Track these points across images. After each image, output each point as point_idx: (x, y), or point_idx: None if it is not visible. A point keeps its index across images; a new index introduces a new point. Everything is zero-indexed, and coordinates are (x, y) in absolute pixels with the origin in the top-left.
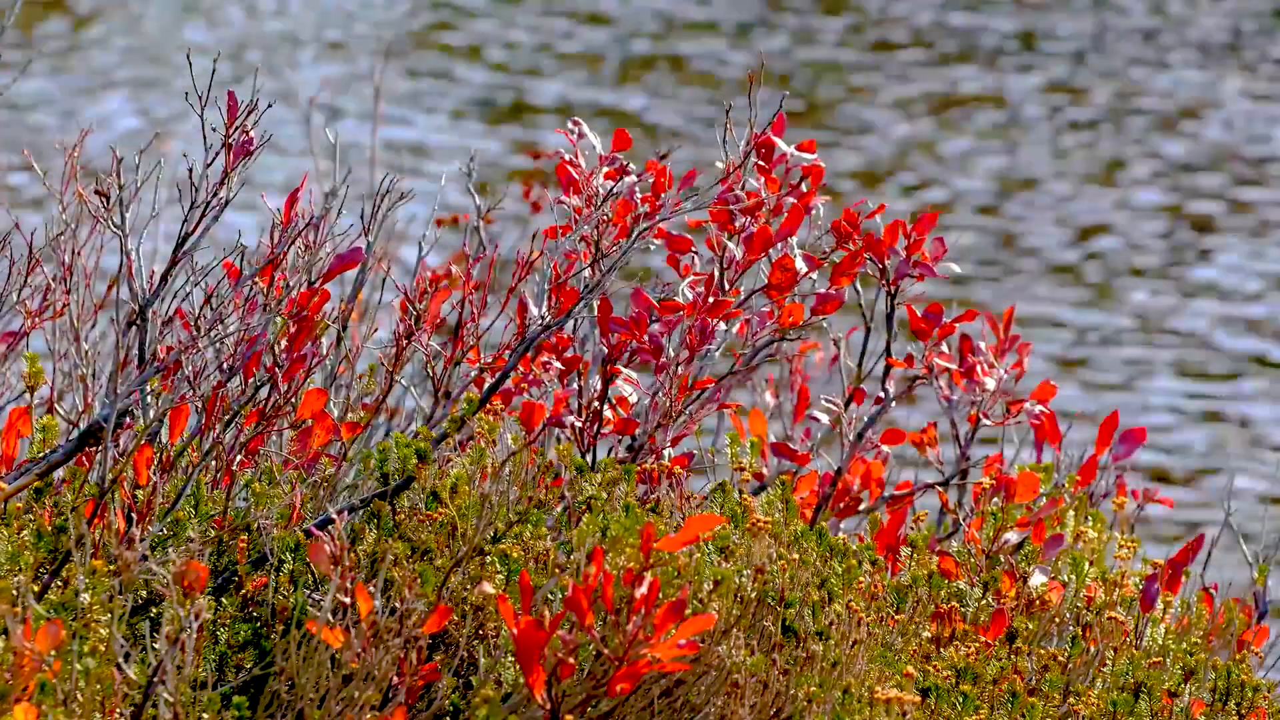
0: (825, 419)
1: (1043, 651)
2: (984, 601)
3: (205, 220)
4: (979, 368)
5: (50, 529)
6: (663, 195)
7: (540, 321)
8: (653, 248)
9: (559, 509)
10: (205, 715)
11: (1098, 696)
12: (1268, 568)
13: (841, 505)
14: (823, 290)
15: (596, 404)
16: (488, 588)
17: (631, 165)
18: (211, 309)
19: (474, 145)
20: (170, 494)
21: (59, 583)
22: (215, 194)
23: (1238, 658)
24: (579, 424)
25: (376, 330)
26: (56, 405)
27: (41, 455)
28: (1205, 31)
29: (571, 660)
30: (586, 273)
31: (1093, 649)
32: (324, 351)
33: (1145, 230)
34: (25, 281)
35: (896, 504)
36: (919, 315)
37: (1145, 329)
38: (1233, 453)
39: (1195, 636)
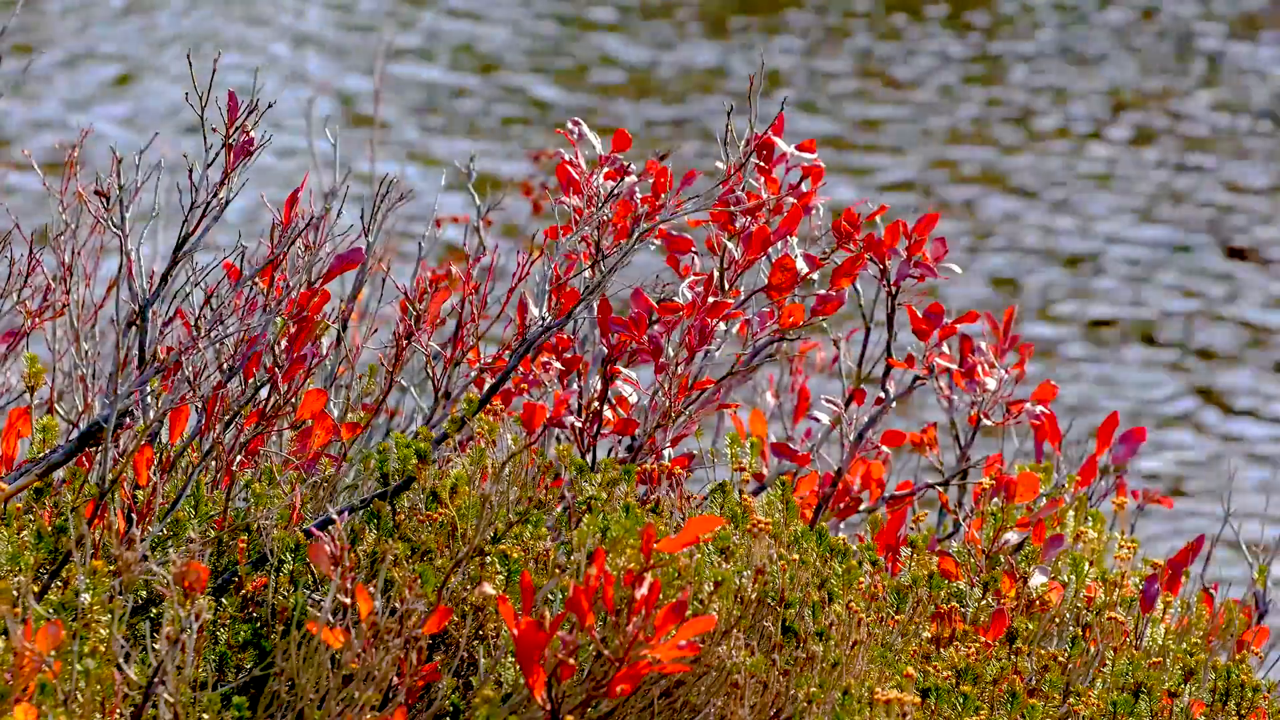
0: (825, 419)
1: (1043, 652)
2: (984, 602)
3: (205, 220)
4: (980, 368)
5: (50, 529)
6: (663, 196)
7: (540, 322)
8: (653, 248)
9: (559, 509)
10: (205, 715)
11: (1098, 697)
12: (1267, 568)
13: (841, 505)
14: (823, 290)
15: (596, 404)
16: (488, 588)
17: (632, 165)
18: (211, 309)
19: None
20: (170, 494)
21: (59, 583)
22: (215, 194)
23: (1238, 658)
24: (579, 424)
25: (376, 331)
26: (56, 405)
27: (41, 455)
28: None
29: (572, 661)
30: (586, 273)
31: (1093, 649)
32: (324, 352)
33: None
34: (25, 281)
35: (896, 504)
36: (919, 315)
37: None
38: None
39: (1195, 637)
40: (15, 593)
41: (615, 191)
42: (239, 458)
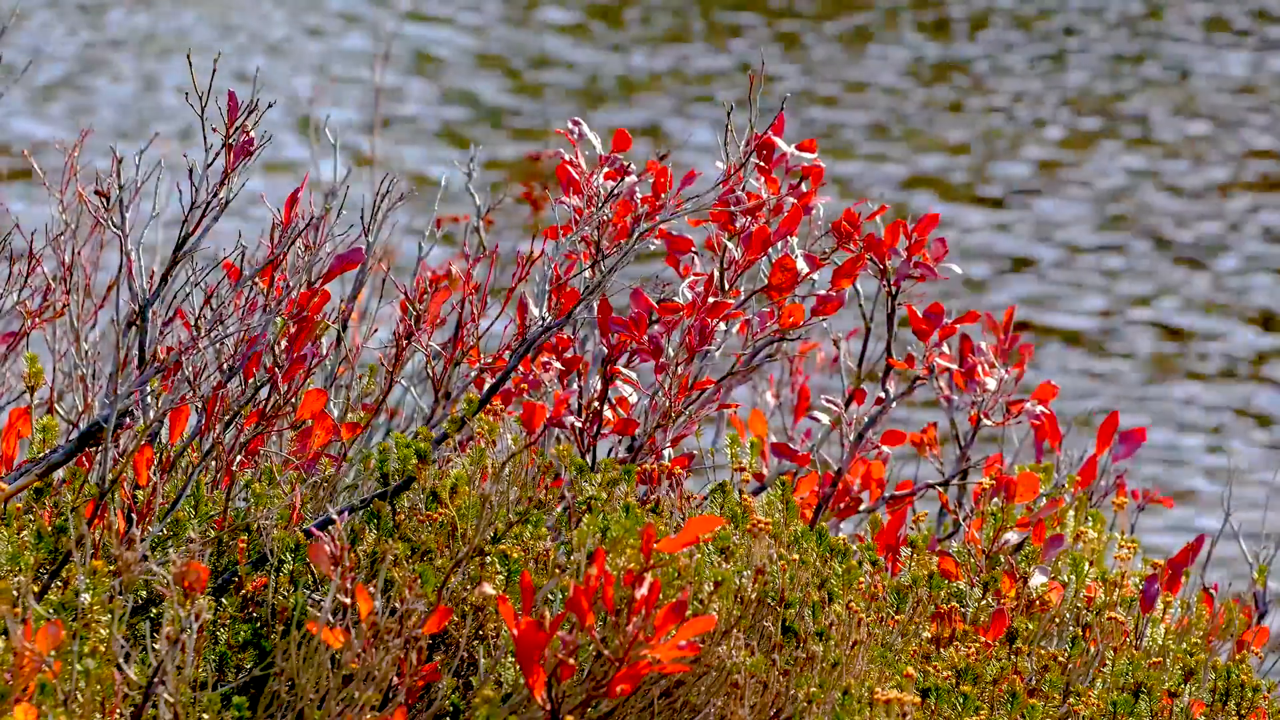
0: (825, 419)
1: (1043, 652)
2: (984, 602)
3: (205, 220)
4: (980, 368)
5: (50, 529)
6: (663, 195)
7: (540, 322)
8: (653, 247)
9: (559, 509)
10: (205, 716)
11: (1098, 697)
12: (1267, 567)
13: (842, 505)
14: (823, 291)
15: (596, 404)
16: (488, 588)
17: (632, 165)
18: (211, 309)
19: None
20: (170, 494)
21: (59, 583)
22: (215, 194)
23: (1238, 658)
24: (579, 424)
25: (376, 330)
26: (56, 405)
27: (41, 455)
28: None
29: (572, 661)
30: (586, 273)
31: (1093, 649)
32: (324, 352)
33: None
34: (25, 281)
35: (896, 504)
36: (920, 315)
37: None
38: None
39: (1195, 636)
40: (15, 593)
41: (615, 191)
42: (239, 458)
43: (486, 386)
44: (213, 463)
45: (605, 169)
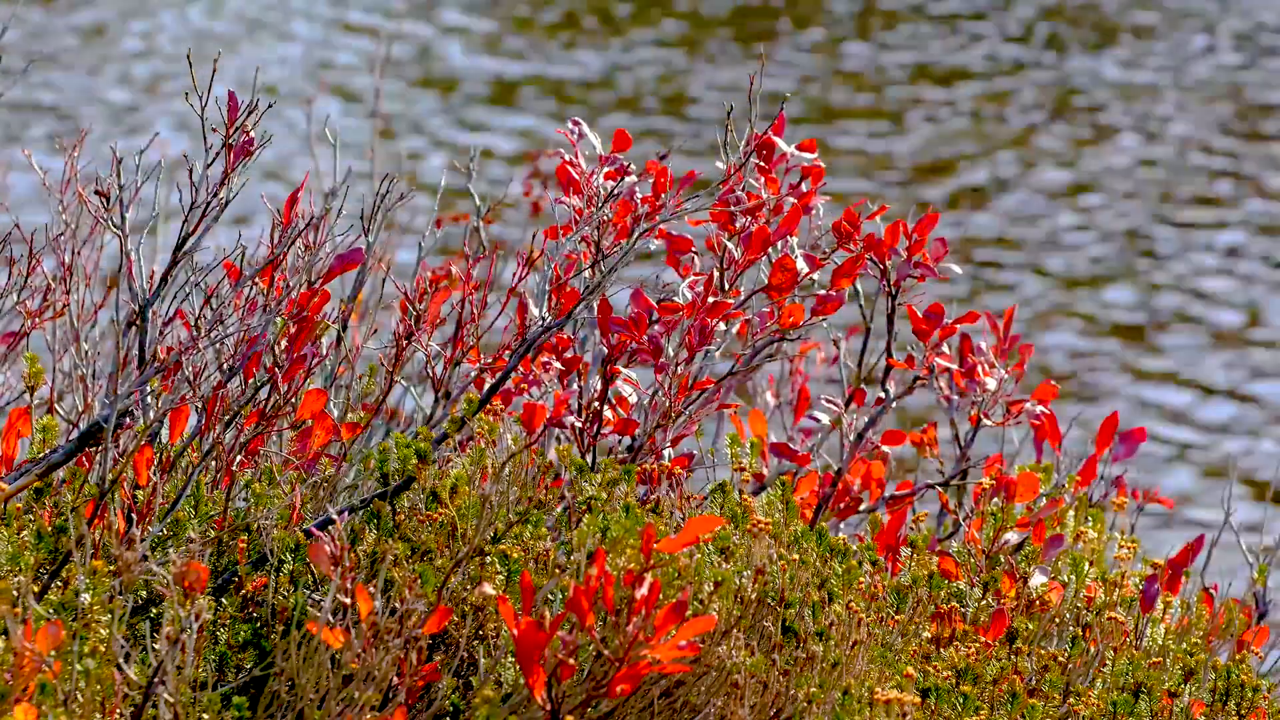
0: (825, 419)
1: (1043, 652)
2: (984, 602)
3: (205, 221)
4: (980, 368)
5: (50, 529)
6: (663, 196)
7: (541, 322)
8: (653, 247)
9: (559, 509)
10: (205, 716)
11: (1098, 697)
12: (1267, 567)
13: (841, 506)
14: (823, 290)
15: (596, 404)
16: (488, 588)
17: (631, 165)
18: (211, 309)
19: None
20: (170, 494)
21: (59, 583)
22: (215, 194)
23: (1238, 658)
24: (579, 424)
25: (376, 330)
26: (56, 405)
27: (41, 455)
28: None
29: (572, 661)
30: (586, 273)
31: (1093, 649)
32: (324, 352)
33: None
34: (25, 281)
35: (896, 504)
36: (920, 315)
37: None
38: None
39: (1195, 636)
40: (15, 593)
41: (615, 191)
42: (239, 458)
43: (486, 386)
44: (213, 463)
45: (605, 169)
